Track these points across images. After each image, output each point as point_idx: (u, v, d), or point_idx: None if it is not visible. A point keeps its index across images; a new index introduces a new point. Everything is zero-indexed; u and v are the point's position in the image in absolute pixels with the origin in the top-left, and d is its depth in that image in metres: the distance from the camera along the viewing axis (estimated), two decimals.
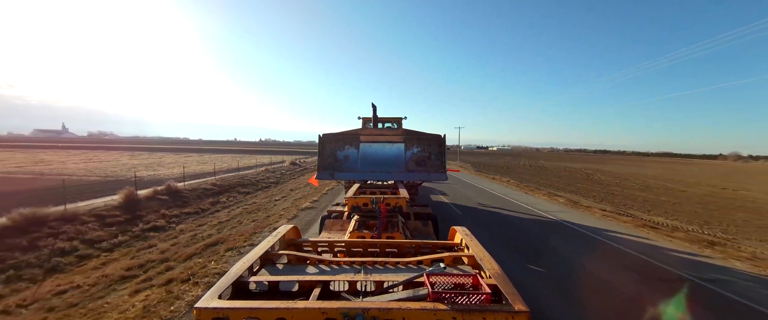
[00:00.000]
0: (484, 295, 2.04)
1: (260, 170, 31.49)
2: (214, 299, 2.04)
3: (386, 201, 5.48)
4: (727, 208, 18.05)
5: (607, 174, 41.37)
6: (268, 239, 3.35)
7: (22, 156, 43.95)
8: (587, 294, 6.43)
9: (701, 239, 10.77)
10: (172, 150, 74.04)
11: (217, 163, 35.10)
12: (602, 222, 13.19)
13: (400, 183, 8.35)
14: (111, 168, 30.17)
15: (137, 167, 31.66)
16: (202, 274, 7.15)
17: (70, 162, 35.72)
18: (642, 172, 48.34)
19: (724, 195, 24.55)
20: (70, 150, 62.98)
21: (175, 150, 74.80)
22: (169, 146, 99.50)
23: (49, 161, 36.49)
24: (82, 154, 52.45)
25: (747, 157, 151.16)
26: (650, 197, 21.70)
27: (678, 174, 45.11)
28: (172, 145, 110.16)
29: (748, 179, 42.18)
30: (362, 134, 9.76)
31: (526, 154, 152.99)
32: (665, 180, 35.25)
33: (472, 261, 2.97)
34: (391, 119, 12.81)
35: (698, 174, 47.52)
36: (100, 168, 30.67)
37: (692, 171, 58.19)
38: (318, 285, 2.47)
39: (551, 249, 9.28)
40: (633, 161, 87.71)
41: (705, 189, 28.13)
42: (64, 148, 71.71)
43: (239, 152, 71.44)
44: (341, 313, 1.90)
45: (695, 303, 6.21)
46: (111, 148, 71.80)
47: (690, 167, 72.36)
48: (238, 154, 60.68)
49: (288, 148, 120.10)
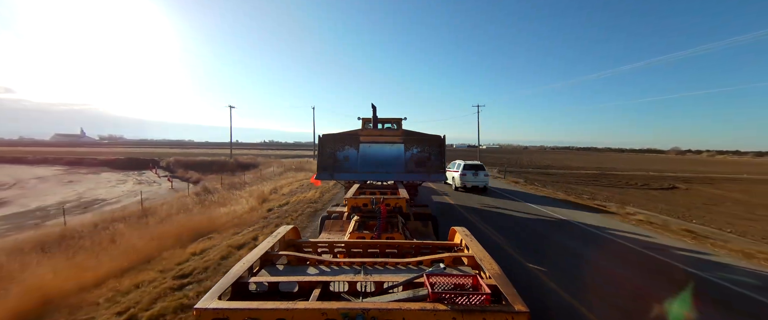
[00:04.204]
0: (484, 296, 2.04)
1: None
2: (214, 300, 2.04)
3: (386, 202, 5.47)
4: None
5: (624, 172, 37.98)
6: (267, 239, 3.35)
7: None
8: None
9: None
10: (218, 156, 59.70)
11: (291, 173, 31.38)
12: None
13: (399, 184, 8.35)
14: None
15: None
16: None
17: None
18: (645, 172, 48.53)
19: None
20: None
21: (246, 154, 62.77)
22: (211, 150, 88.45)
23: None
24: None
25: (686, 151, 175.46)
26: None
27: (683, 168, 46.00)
28: (210, 149, 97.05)
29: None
30: (362, 135, 9.76)
31: (516, 151, 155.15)
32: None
33: (472, 261, 2.97)
34: (390, 120, 12.83)
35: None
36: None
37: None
38: (318, 286, 2.47)
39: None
40: (618, 158, 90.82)
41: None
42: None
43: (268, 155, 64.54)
44: (341, 313, 1.90)
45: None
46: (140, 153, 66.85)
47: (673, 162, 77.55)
48: (266, 156, 56.69)
49: (291, 149, 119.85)
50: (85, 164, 50.54)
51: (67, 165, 49.51)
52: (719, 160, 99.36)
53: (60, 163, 51.63)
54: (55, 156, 58.64)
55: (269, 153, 74.07)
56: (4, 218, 19.95)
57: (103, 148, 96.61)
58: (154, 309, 5.37)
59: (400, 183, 8.46)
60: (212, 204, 16.72)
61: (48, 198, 26.59)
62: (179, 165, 45.74)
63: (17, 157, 57.84)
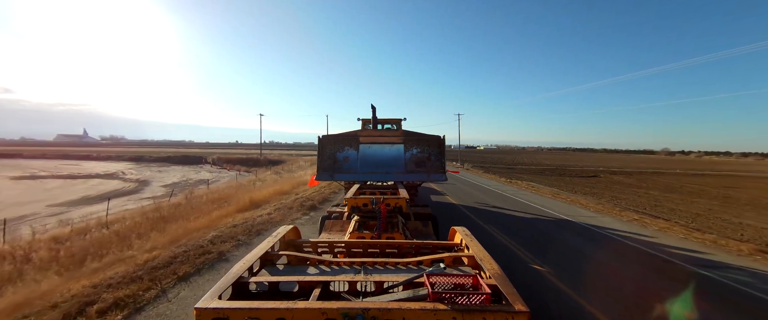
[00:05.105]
0: (484, 295, 2.04)
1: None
2: (214, 299, 2.04)
3: (386, 202, 5.46)
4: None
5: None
6: (268, 240, 3.35)
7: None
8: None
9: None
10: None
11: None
12: None
13: (399, 184, 8.34)
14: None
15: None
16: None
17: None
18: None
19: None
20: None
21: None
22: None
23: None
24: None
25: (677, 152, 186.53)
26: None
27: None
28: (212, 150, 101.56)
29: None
30: (362, 135, 9.74)
31: (512, 151, 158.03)
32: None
33: (472, 261, 2.97)
34: (390, 120, 12.80)
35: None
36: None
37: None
38: (318, 286, 2.47)
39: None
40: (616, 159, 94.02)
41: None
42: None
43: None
44: (341, 313, 1.90)
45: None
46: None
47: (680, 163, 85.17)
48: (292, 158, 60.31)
49: (292, 149, 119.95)
50: (145, 160, 62.50)
51: (129, 161, 61.18)
52: (699, 160, 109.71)
53: (109, 160, 63.28)
54: (99, 154, 71.86)
55: (291, 152, 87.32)
56: (167, 185, 33.14)
57: (120, 148, 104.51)
58: (298, 199, 15.07)
59: (400, 184, 8.44)
60: (274, 183, 23.89)
61: (169, 179, 39.36)
62: (223, 161, 57.90)
63: (66, 153, 71.14)
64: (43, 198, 25.21)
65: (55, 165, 52.33)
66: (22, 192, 28.59)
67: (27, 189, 30.55)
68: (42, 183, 34.22)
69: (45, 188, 31.10)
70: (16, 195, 26.89)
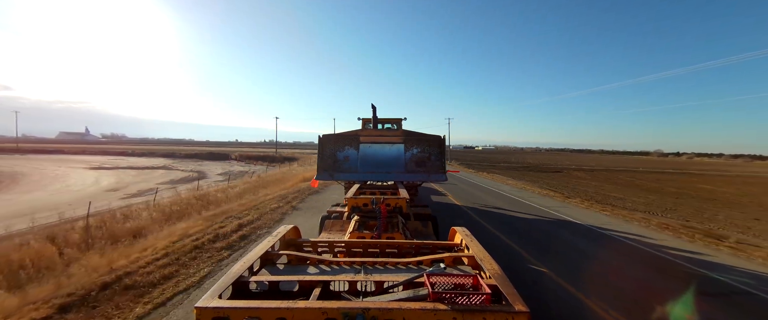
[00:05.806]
0: (484, 295, 2.04)
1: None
2: (215, 299, 2.04)
3: (386, 202, 5.46)
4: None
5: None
6: (268, 239, 3.35)
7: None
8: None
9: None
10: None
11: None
12: None
13: (400, 184, 8.32)
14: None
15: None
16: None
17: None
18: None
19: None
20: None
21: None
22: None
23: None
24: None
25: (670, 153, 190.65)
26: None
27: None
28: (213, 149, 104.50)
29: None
30: (362, 135, 9.72)
31: (508, 151, 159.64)
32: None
33: (472, 261, 2.97)
34: (391, 120, 12.79)
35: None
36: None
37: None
38: (318, 285, 2.47)
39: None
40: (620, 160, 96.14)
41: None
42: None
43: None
44: (342, 313, 1.90)
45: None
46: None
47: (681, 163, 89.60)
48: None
49: (298, 148, 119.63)
50: (177, 157, 68.14)
51: (163, 158, 66.20)
52: (687, 161, 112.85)
53: (144, 156, 68.76)
54: (134, 151, 77.86)
55: (304, 151, 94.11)
56: (220, 174, 39.38)
57: (132, 146, 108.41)
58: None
59: (401, 184, 8.43)
60: (304, 171, 28.86)
61: (216, 170, 45.32)
62: (245, 158, 65.91)
63: (105, 150, 78.71)
64: (144, 180, 33.10)
65: (107, 160, 58.10)
66: (118, 180, 33.62)
67: (119, 177, 35.85)
68: (123, 173, 40.02)
69: (131, 175, 37.71)
70: (115, 182, 32.14)
